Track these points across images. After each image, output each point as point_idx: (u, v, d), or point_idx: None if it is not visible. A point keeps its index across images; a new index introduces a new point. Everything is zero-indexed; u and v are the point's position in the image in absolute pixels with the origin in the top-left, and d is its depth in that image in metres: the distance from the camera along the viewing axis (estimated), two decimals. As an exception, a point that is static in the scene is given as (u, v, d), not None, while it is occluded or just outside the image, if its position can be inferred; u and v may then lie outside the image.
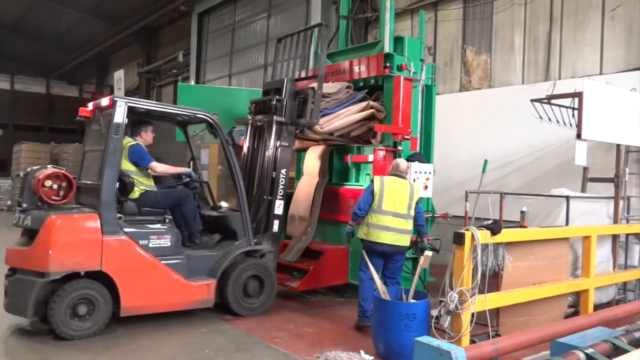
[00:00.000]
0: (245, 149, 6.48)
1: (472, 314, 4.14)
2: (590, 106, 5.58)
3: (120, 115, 5.23)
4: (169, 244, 5.39)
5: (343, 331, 5.35)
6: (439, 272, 5.76)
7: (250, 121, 6.46)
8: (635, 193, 6.99)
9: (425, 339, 3.12)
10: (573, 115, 6.48)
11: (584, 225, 5.76)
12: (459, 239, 4.13)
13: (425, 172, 6.46)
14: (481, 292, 4.24)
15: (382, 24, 6.72)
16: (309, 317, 5.88)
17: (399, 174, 5.49)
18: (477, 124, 9.00)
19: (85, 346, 4.71)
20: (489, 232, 4.23)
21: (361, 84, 6.96)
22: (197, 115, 5.92)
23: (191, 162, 6.58)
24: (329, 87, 6.91)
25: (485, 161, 6.25)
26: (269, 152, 6.12)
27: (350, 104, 6.76)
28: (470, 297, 4.07)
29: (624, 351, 3.48)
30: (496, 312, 4.68)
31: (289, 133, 6.18)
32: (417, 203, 5.42)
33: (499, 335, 4.39)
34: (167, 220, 5.69)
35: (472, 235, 4.13)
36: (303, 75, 6.92)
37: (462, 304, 4.04)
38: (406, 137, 6.36)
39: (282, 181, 6.13)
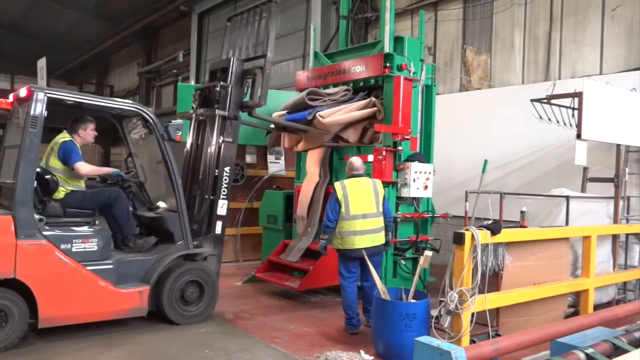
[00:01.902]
0: (188, 145, 6.07)
1: (472, 314, 4.14)
2: (590, 106, 5.58)
3: (39, 108, 4.76)
4: (96, 248, 4.95)
5: (343, 331, 5.35)
6: (439, 272, 5.77)
7: (193, 114, 6.07)
8: (635, 193, 6.99)
9: (425, 339, 3.12)
10: (573, 115, 6.48)
11: (584, 225, 5.76)
12: (459, 239, 4.12)
13: (425, 172, 6.47)
14: (481, 292, 4.24)
15: (382, 24, 6.72)
16: (309, 317, 5.88)
17: (357, 173, 5.43)
18: (477, 124, 9.00)
19: (88, 345, 4.72)
20: (489, 232, 4.23)
21: (361, 84, 6.96)
22: (130, 109, 5.49)
23: (127, 160, 6.19)
24: (329, 90, 7.02)
25: (485, 161, 6.26)
26: (212, 149, 5.71)
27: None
28: (470, 297, 4.07)
29: (624, 351, 3.48)
30: (496, 312, 4.67)
31: (233, 128, 5.79)
32: (384, 198, 5.38)
33: (499, 335, 4.38)
34: (96, 222, 5.26)
35: (472, 235, 4.12)
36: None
37: (462, 304, 4.04)
38: (406, 137, 6.36)
39: (225, 180, 5.72)
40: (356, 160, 5.51)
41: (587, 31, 7.93)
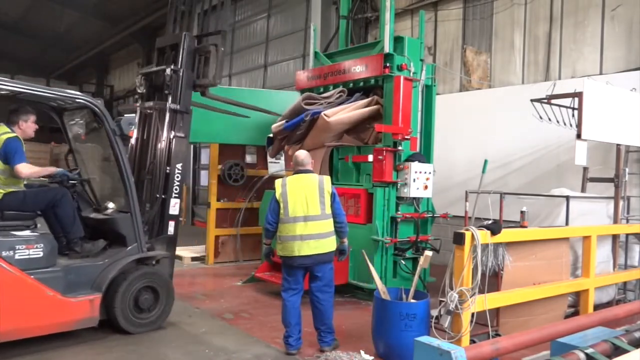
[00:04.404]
0: (133, 140, 5.56)
1: (472, 314, 4.14)
2: (590, 106, 5.58)
3: None
4: (42, 254, 4.48)
5: (343, 331, 5.34)
6: (439, 272, 5.76)
7: (138, 108, 5.60)
8: (635, 193, 6.99)
9: (425, 339, 3.11)
10: (573, 115, 6.48)
11: (584, 225, 5.76)
12: (459, 239, 4.12)
13: (425, 172, 6.46)
14: (481, 292, 4.23)
15: (382, 24, 6.72)
16: (308, 317, 5.85)
17: (302, 169, 4.71)
18: (477, 124, 9.00)
19: (89, 346, 4.71)
20: (489, 232, 4.22)
21: (361, 84, 6.96)
22: (77, 100, 4.99)
23: (68, 157, 5.75)
24: (324, 95, 7.08)
25: (485, 161, 6.25)
26: (162, 144, 5.34)
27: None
28: (470, 297, 4.06)
29: (624, 351, 3.47)
30: (496, 312, 4.67)
31: (184, 122, 5.43)
32: (332, 197, 4.63)
33: (499, 335, 4.38)
34: (37, 225, 4.83)
35: (472, 235, 4.12)
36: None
37: (462, 304, 4.04)
38: (406, 137, 6.36)
39: (177, 177, 5.40)
40: (300, 154, 4.78)
41: (587, 31, 7.93)
